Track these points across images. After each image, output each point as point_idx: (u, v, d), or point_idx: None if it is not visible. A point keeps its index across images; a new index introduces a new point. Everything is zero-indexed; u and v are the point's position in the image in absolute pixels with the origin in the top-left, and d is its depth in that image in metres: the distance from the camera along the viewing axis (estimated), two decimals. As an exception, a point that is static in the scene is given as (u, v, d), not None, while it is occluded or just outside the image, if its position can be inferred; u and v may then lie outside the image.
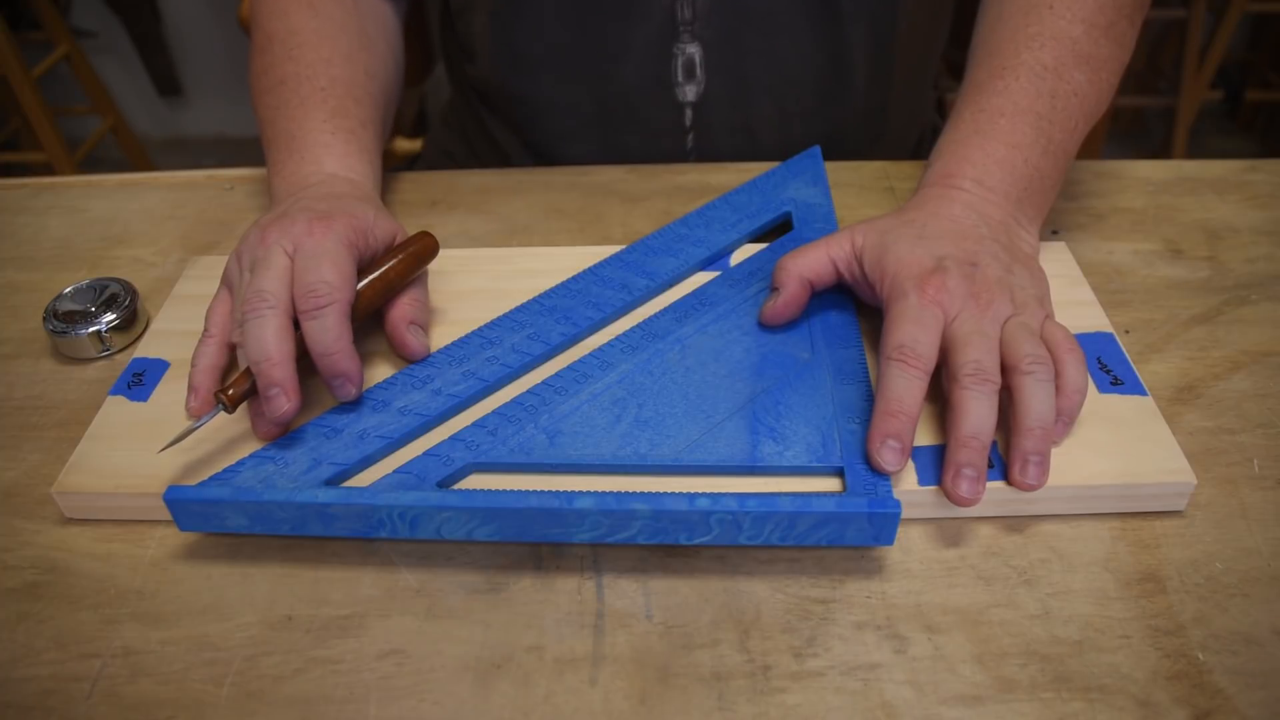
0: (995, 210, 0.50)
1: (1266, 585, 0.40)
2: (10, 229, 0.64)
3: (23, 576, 0.41)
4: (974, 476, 0.40)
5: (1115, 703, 0.36)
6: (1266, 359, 0.50)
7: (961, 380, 0.41)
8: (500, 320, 0.50)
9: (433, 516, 0.40)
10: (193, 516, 0.41)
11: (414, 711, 0.36)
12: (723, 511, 0.38)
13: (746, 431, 0.43)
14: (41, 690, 0.37)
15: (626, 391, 0.45)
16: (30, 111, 1.69)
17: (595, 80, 0.69)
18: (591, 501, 0.39)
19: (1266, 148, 2.13)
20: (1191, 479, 0.42)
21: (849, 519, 0.39)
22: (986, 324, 0.43)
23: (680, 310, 0.50)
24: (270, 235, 0.46)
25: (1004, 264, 0.46)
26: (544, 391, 0.46)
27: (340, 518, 0.40)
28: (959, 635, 0.38)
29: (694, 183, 0.66)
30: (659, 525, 0.39)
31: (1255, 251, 0.58)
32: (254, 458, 0.43)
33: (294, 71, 0.58)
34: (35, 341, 0.54)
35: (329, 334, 0.43)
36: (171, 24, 2.13)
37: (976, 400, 0.41)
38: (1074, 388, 0.43)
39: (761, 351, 0.47)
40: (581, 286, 0.52)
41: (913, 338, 0.43)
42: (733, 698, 0.36)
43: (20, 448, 0.47)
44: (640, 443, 0.43)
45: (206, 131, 2.33)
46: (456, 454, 0.43)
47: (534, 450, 0.43)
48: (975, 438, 0.41)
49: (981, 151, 0.51)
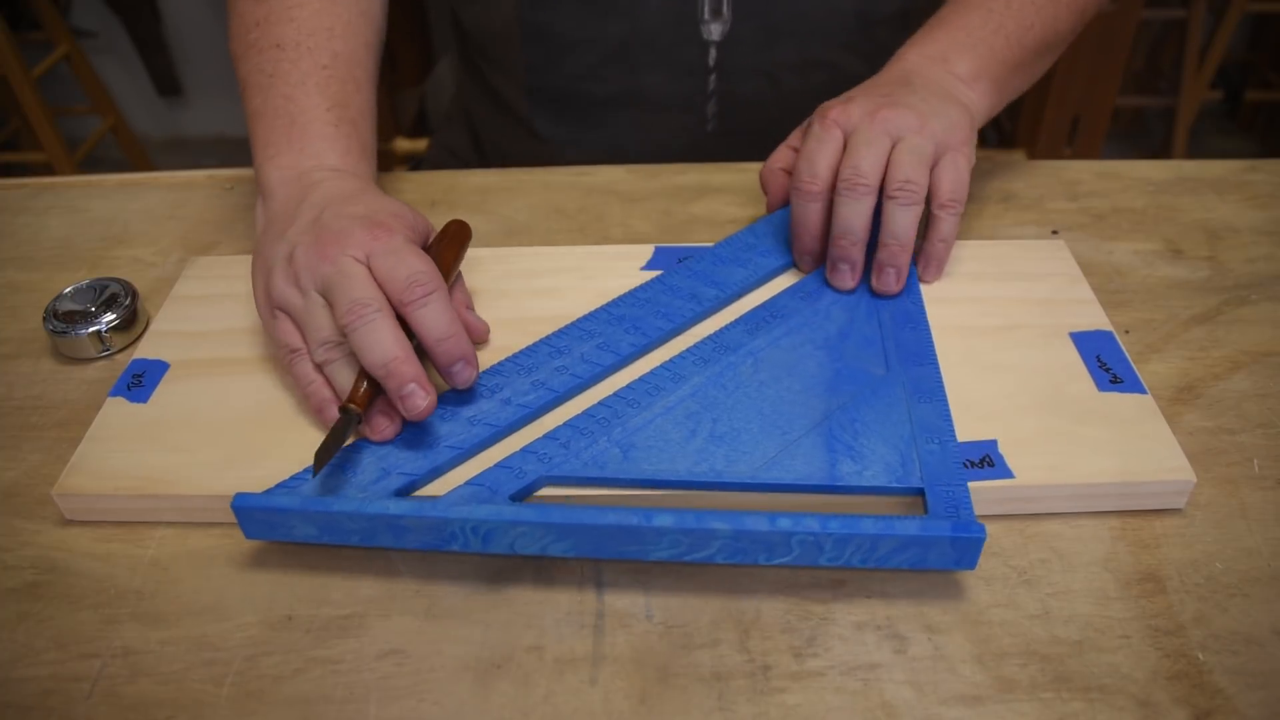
0: (932, 66, 0.55)
1: (1266, 585, 0.40)
2: (10, 229, 0.64)
3: (23, 576, 0.41)
4: (847, 270, 0.50)
5: (1115, 703, 0.36)
6: (1266, 359, 0.50)
7: (838, 187, 0.48)
8: (569, 329, 0.49)
9: (507, 531, 0.39)
10: (259, 525, 0.40)
11: (414, 711, 0.36)
12: (804, 533, 0.38)
13: (824, 449, 0.42)
14: (41, 690, 0.37)
15: (700, 405, 0.45)
16: (30, 111, 1.69)
17: (621, 13, 0.68)
18: (671, 520, 0.38)
19: (1266, 148, 2.13)
20: (1191, 477, 0.42)
21: (932, 543, 0.38)
22: (875, 135, 0.48)
23: (751, 322, 0.49)
24: (329, 251, 0.44)
25: (922, 98, 0.51)
26: (616, 404, 0.45)
27: (412, 530, 0.39)
28: (959, 635, 0.38)
29: (694, 182, 0.66)
30: (739, 545, 0.38)
31: (1255, 251, 0.58)
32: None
33: (293, 37, 0.54)
34: (35, 341, 0.54)
35: (442, 318, 0.42)
36: (171, 24, 2.13)
37: (848, 205, 0.48)
38: (939, 236, 0.50)
39: (835, 366, 0.46)
40: (650, 295, 0.51)
41: (809, 164, 0.49)
42: (733, 698, 0.36)
43: (20, 448, 0.47)
44: (716, 459, 0.42)
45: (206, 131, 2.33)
46: (529, 466, 0.42)
47: (607, 464, 0.42)
48: (845, 236, 0.49)
49: (925, 34, 0.57)
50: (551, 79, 0.72)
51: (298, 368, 0.45)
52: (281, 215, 0.49)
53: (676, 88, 0.70)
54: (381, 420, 0.43)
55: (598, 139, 0.74)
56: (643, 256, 0.56)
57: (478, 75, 0.78)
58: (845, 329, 0.49)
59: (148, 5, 2.08)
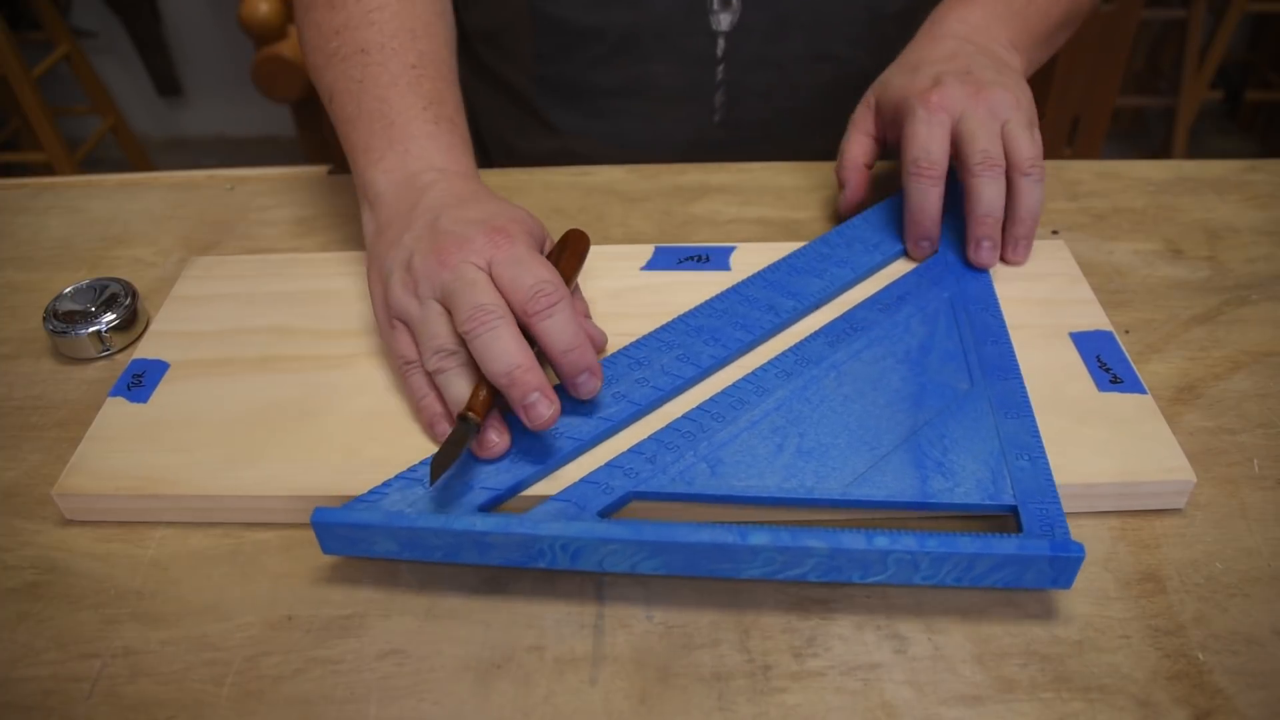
0: (979, 35, 0.57)
1: (1266, 585, 0.40)
2: (10, 229, 0.64)
3: (23, 576, 0.41)
4: (990, 247, 0.51)
5: (1115, 703, 0.36)
6: (1266, 359, 0.50)
7: (973, 169, 0.50)
8: (646, 340, 0.48)
9: (597, 549, 0.38)
10: (339, 540, 0.39)
11: (414, 711, 0.36)
12: (901, 551, 0.37)
13: (913, 465, 0.41)
14: (41, 690, 0.37)
15: (786, 420, 0.44)
16: (30, 111, 1.69)
17: (630, 4, 0.68)
18: (766, 538, 0.37)
19: (1266, 148, 2.13)
20: (1191, 476, 0.42)
21: (1029, 562, 0.37)
22: (985, 117, 0.51)
23: (832, 335, 0.48)
24: (449, 258, 0.43)
25: (994, 69, 0.53)
26: (700, 417, 0.44)
27: (498, 547, 0.38)
28: (959, 635, 0.38)
29: (694, 182, 0.66)
30: (834, 564, 0.38)
31: (1255, 251, 0.58)
32: (400, 479, 0.41)
33: (376, 40, 0.54)
34: (35, 341, 0.54)
35: (568, 329, 0.41)
36: (171, 24, 2.14)
37: (988, 184, 0.50)
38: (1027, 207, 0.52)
39: (919, 381, 0.46)
40: (727, 306, 0.50)
41: (924, 149, 0.50)
42: (733, 698, 0.36)
43: (20, 448, 0.47)
44: (805, 475, 0.41)
45: (206, 131, 2.33)
46: (616, 482, 0.41)
47: (696, 480, 0.41)
48: (989, 215, 0.50)
49: (964, 2, 0.59)
50: (560, 68, 0.72)
51: (412, 380, 0.44)
52: (394, 221, 0.48)
53: (684, 78, 0.71)
54: (491, 436, 0.42)
55: (604, 127, 0.74)
56: (643, 256, 0.56)
57: (483, 67, 0.78)
58: (926, 342, 0.48)
59: (148, 5, 2.08)
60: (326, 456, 0.44)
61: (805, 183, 0.66)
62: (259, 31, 1.41)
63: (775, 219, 0.63)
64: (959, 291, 0.51)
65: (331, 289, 0.54)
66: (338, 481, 0.42)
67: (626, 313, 0.51)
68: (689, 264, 0.55)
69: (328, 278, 0.55)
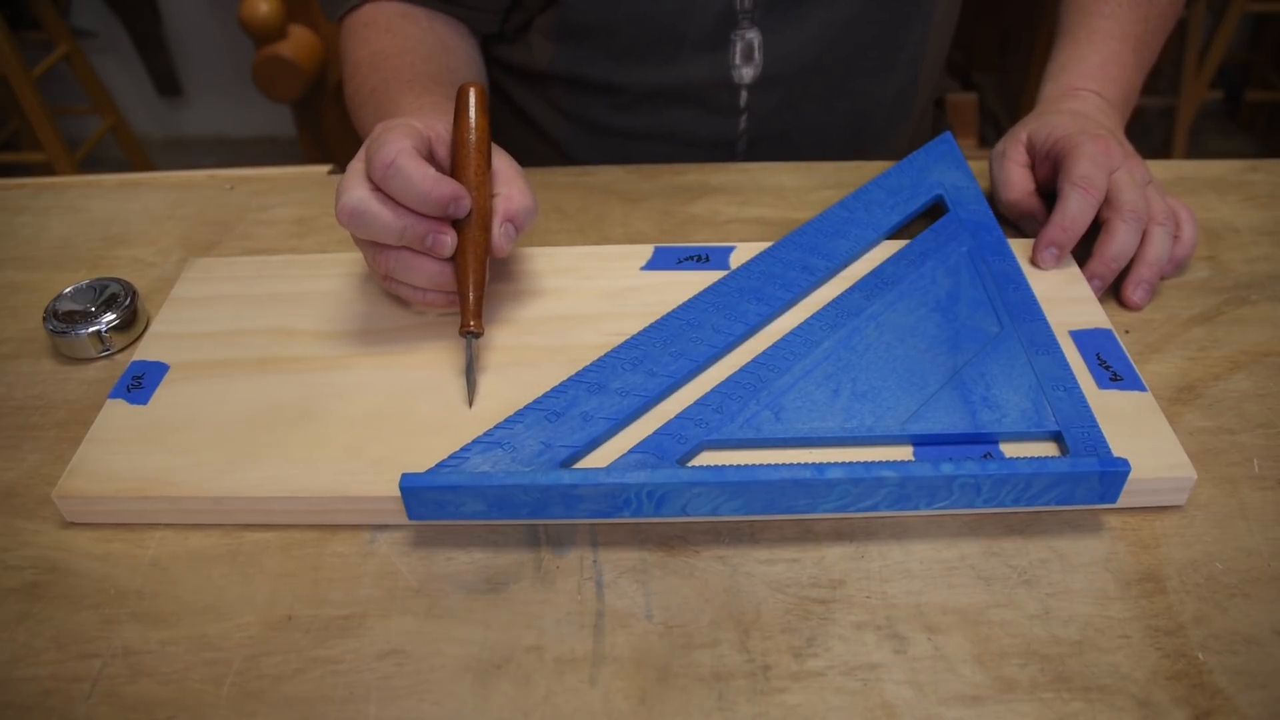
0: (1107, 118, 0.60)
1: (1266, 585, 0.40)
2: (10, 229, 0.64)
3: (23, 576, 0.41)
4: (1100, 286, 0.53)
5: (1115, 703, 0.36)
6: (1266, 359, 0.50)
7: (1124, 214, 0.52)
8: (694, 301, 0.51)
9: (681, 493, 0.40)
10: (427, 505, 0.41)
11: (414, 711, 0.36)
12: (966, 476, 0.40)
13: (961, 401, 0.45)
14: (41, 690, 0.37)
15: (836, 367, 0.47)
16: (30, 111, 1.69)
17: (655, 66, 0.70)
18: (842, 472, 0.40)
19: (1266, 148, 2.13)
20: (1192, 474, 0.42)
21: (1080, 478, 0.40)
22: (1137, 180, 0.54)
23: (866, 288, 0.52)
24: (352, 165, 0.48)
25: (1122, 142, 0.57)
26: (757, 369, 0.47)
27: (586, 499, 0.41)
28: (959, 635, 0.38)
29: (694, 182, 0.66)
30: (904, 492, 0.40)
31: (1255, 251, 0.58)
32: (479, 443, 0.43)
33: (382, 79, 0.62)
34: (35, 341, 0.54)
35: (414, 176, 0.44)
36: (171, 24, 2.13)
37: (1129, 230, 0.52)
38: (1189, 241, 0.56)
39: (953, 326, 0.49)
40: (764, 268, 0.53)
41: (1093, 172, 0.53)
42: (733, 698, 0.36)
43: (20, 448, 0.47)
44: (865, 415, 0.44)
45: (206, 131, 2.33)
46: (688, 432, 0.44)
47: (763, 426, 0.44)
48: (1116, 260, 0.52)
49: (1101, 70, 0.62)
50: (584, 110, 0.74)
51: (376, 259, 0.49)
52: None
53: (708, 127, 0.73)
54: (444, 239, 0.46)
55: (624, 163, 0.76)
56: (643, 256, 0.56)
57: (501, 90, 0.79)
58: (954, 292, 0.52)
59: (148, 5, 2.08)
60: (326, 457, 0.44)
61: (805, 183, 0.66)
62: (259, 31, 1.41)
63: (775, 219, 0.63)
64: (976, 245, 0.54)
65: (331, 289, 0.54)
66: (338, 482, 0.43)
67: (626, 313, 0.51)
68: (689, 264, 0.55)
69: (328, 278, 0.55)
